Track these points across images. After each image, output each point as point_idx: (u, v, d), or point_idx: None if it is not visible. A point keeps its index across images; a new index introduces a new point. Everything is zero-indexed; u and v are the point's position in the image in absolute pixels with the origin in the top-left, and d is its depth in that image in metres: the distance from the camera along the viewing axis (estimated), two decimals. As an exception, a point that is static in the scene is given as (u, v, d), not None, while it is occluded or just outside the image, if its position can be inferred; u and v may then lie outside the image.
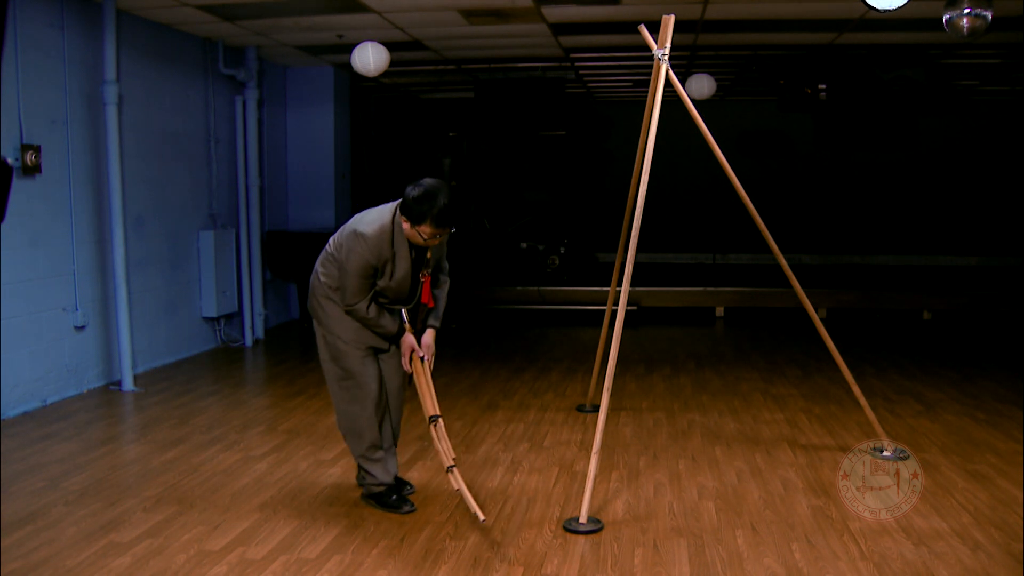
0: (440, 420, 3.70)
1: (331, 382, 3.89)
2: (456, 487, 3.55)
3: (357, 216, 3.73)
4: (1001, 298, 9.74)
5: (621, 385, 6.35)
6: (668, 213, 12.15)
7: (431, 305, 3.83)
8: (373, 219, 3.63)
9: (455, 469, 3.57)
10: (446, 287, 3.95)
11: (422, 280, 3.74)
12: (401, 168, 12.73)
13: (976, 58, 8.77)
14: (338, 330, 3.77)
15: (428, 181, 3.53)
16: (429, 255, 3.72)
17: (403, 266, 3.65)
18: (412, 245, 3.64)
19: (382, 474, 3.88)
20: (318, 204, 9.46)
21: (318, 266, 3.83)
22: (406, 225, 3.55)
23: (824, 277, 10.70)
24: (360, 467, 3.95)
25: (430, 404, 3.73)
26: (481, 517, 3.45)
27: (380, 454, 3.87)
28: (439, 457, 3.75)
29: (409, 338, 3.76)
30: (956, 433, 5.14)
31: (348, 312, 3.70)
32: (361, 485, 4.01)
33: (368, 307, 3.65)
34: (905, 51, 8.37)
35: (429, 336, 3.83)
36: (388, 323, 3.72)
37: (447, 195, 3.49)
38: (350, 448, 3.94)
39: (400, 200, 3.59)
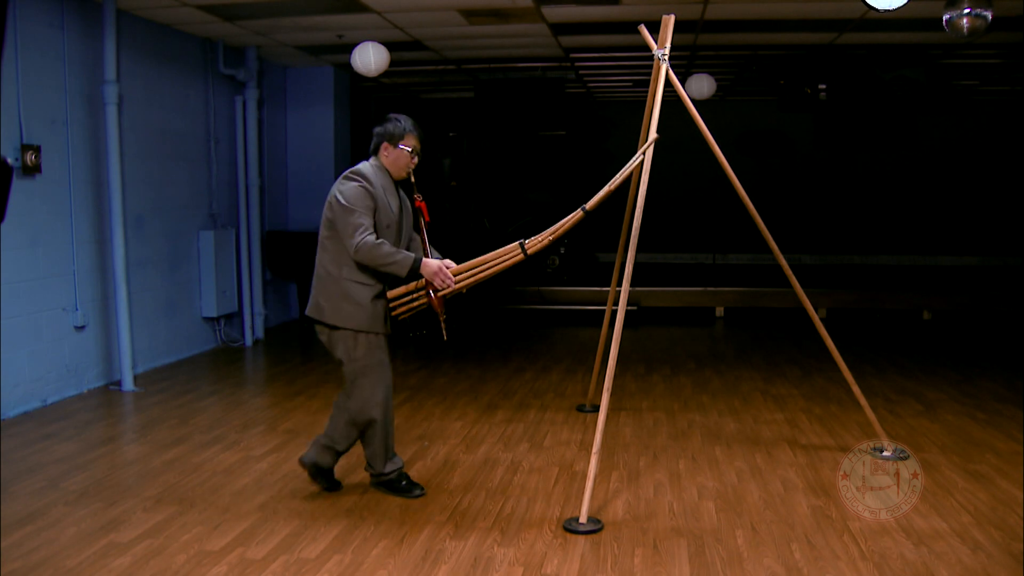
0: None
1: (368, 373, 3.84)
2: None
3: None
4: (1001, 298, 9.74)
5: (621, 385, 6.35)
6: (668, 213, 12.15)
7: (427, 219, 3.97)
8: (355, 167, 3.89)
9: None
10: None
11: (417, 204, 3.95)
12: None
13: (976, 58, 8.77)
14: (366, 321, 3.80)
15: (389, 115, 3.93)
16: (413, 179, 3.93)
17: (393, 204, 3.87)
18: (394, 185, 3.90)
19: (389, 461, 4.04)
20: (318, 204, 9.25)
21: (328, 265, 3.84)
22: (390, 155, 3.87)
23: (824, 277, 10.70)
24: (367, 458, 4.05)
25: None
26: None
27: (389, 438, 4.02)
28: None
29: (429, 262, 3.77)
30: (956, 433, 5.13)
31: (358, 253, 3.68)
32: (369, 472, 4.11)
33: (378, 240, 3.70)
34: (905, 51, 8.38)
35: (436, 255, 3.96)
36: (402, 256, 3.72)
37: None
38: (364, 438, 3.99)
39: (371, 148, 3.94)
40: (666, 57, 4.26)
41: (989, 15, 5.31)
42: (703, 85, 8.89)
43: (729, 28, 7.37)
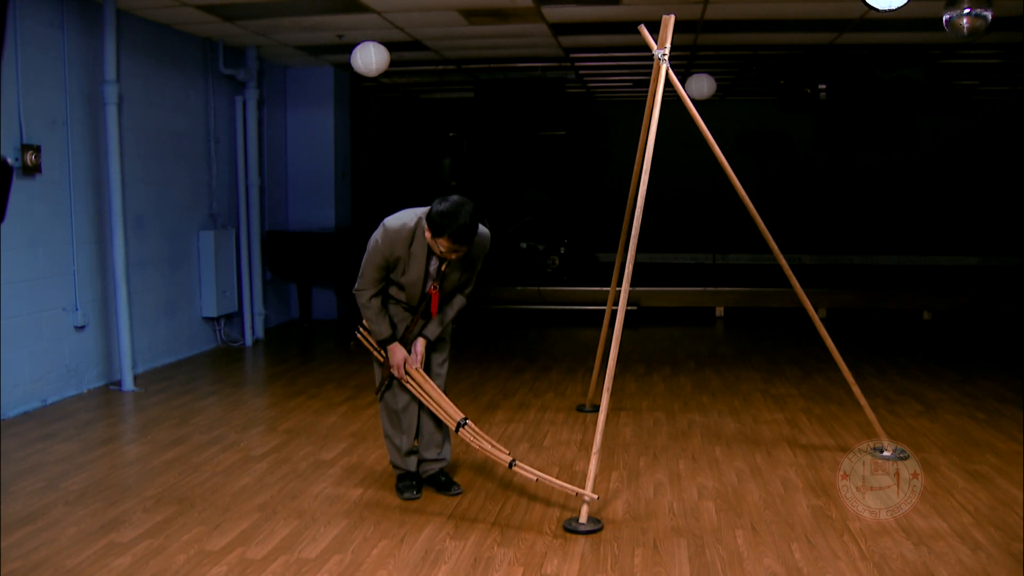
0: (468, 422, 3.90)
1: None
2: (534, 478, 3.79)
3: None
4: (1001, 298, 9.74)
5: (621, 385, 6.35)
6: (668, 213, 12.15)
7: (434, 313, 3.90)
8: (400, 216, 3.77)
9: (517, 462, 3.83)
10: (458, 306, 4.01)
11: (429, 293, 3.82)
12: (401, 168, 12.74)
13: (976, 58, 8.77)
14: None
15: (455, 198, 3.59)
16: (444, 267, 3.77)
17: (416, 270, 3.77)
18: (432, 254, 3.74)
19: (394, 456, 4.12)
20: (318, 204, 9.47)
21: None
22: (428, 235, 3.65)
23: (824, 277, 10.70)
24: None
25: (451, 411, 3.92)
26: (590, 495, 3.69)
27: (397, 437, 4.06)
28: (495, 457, 3.88)
29: (397, 348, 3.88)
30: (956, 433, 5.14)
31: (354, 294, 3.86)
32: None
33: (371, 299, 3.83)
34: (905, 51, 8.37)
35: (419, 344, 3.95)
36: (382, 327, 3.87)
37: (469, 215, 3.55)
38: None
39: (429, 208, 3.66)
40: (666, 57, 4.26)
41: (989, 15, 5.31)
42: (703, 85, 8.88)
43: (729, 28, 7.37)
